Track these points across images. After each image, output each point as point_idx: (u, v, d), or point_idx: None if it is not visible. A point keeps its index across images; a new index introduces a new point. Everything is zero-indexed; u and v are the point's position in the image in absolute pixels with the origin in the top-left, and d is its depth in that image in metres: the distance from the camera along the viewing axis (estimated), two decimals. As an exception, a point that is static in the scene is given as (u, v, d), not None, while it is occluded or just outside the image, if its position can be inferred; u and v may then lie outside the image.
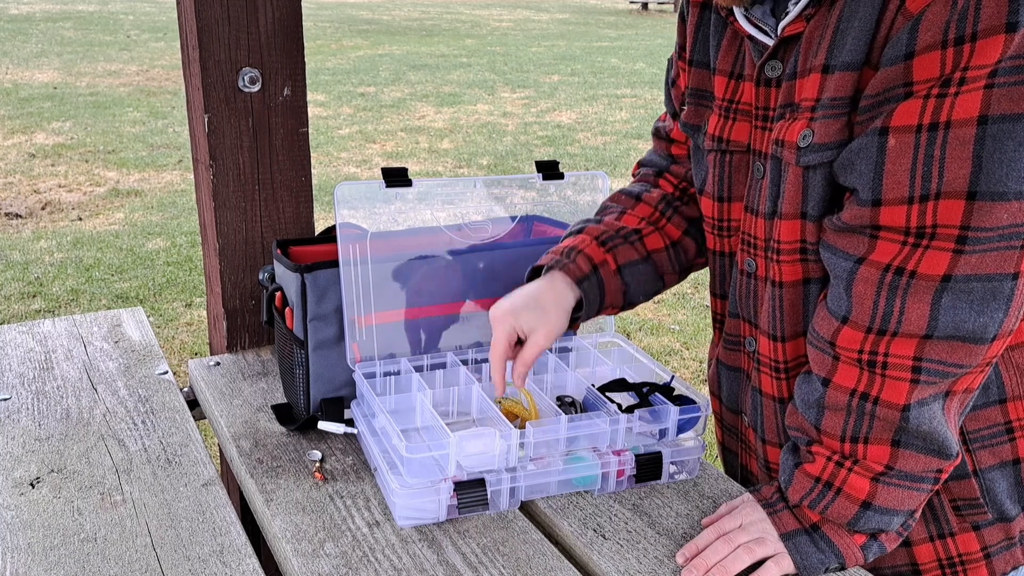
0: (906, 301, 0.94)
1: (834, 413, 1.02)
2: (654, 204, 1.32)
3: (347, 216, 1.27)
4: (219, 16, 1.50)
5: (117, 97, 9.97)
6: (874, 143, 0.94)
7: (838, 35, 0.97)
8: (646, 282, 1.27)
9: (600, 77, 12.27)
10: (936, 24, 0.88)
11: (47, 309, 4.37)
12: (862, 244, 0.97)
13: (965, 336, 0.93)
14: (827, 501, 1.03)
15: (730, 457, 1.34)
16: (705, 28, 1.19)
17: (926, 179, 0.91)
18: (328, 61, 13.05)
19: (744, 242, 1.16)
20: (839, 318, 1.00)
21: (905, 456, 0.99)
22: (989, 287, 0.91)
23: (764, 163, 1.10)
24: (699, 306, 4.65)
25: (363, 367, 1.31)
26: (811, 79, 1.00)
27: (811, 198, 1.03)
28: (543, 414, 1.26)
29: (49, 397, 1.48)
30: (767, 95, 1.08)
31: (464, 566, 1.07)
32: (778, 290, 1.10)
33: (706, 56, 1.19)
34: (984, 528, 1.12)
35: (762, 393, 1.18)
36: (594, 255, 1.24)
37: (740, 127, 1.13)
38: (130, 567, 1.07)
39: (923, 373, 0.96)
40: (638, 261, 1.27)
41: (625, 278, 1.25)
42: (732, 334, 1.23)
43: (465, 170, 7.32)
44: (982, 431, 1.09)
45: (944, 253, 0.92)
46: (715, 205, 1.20)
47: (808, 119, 1.01)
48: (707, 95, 1.20)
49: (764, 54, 1.07)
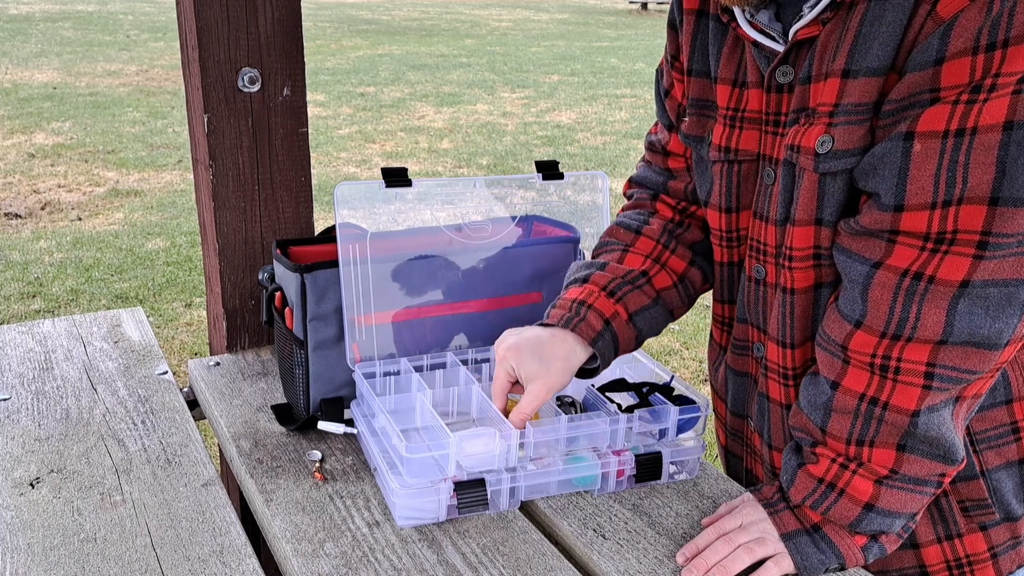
0: (923, 307, 0.93)
1: (841, 416, 1.01)
2: (655, 238, 1.28)
3: (347, 216, 1.27)
4: (219, 16, 1.50)
5: (117, 97, 9.97)
6: (898, 148, 0.93)
7: (860, 40, 0.95)
8: (657, 323, 1.25)
9: (600, 77, 12.27)
10: (968, 30, 0.88)
11: (47, 309, 4.37)
12: (879, 248, 0.96)
13: (979, 342, 0.93)
14: (829, 502, 1.03)
15: (734, 461, 1.34)
16: (703, 36, 1.16)
17: (950, 185, 0.90)
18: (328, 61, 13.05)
19: (753, 248, 1.14)
20: (852, 322, 0.99)
21: (910, 461, 0.99)
22: (1006, 293, 0.91)
23: (775, 169, 1.08)
24: (699, 306, 4.64)
25: (363, 367, 1.31)
26: (829, 84, 0.98)
27: (828, 204, 1.02)
28: (543, 414, 1.26)
29: (49, 397, 1.48)
30: (778, 101, 1.06)
31: (464, 566, 1.07)
32: (789, 296, 1.09)
33: (706, 65, 1.16)
34: (991, 528, 1.12)
35: (769, 399, 1.17)
36: (605, 309, 1.20)
37: (748, 135, 1.11)
38: (130, 567, 1.07)
39: (935, 379, 0.95)
40: (649, 306, 1.23)
41: (638, 325, 1.22)
42: (740, 339, 1.21)
43: (465, 170, 7.32)
44: (988, 432, 1.09)
45: (964, 259, 0.91)
46: (723, 216, 1.17)
47: (826, 124, 0.99)
48: (710, 105, 1.17)
49: (773, 60, 1.05)
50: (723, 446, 1.36)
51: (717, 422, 1.36)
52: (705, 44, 1.16)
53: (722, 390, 1.30)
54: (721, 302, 1.26)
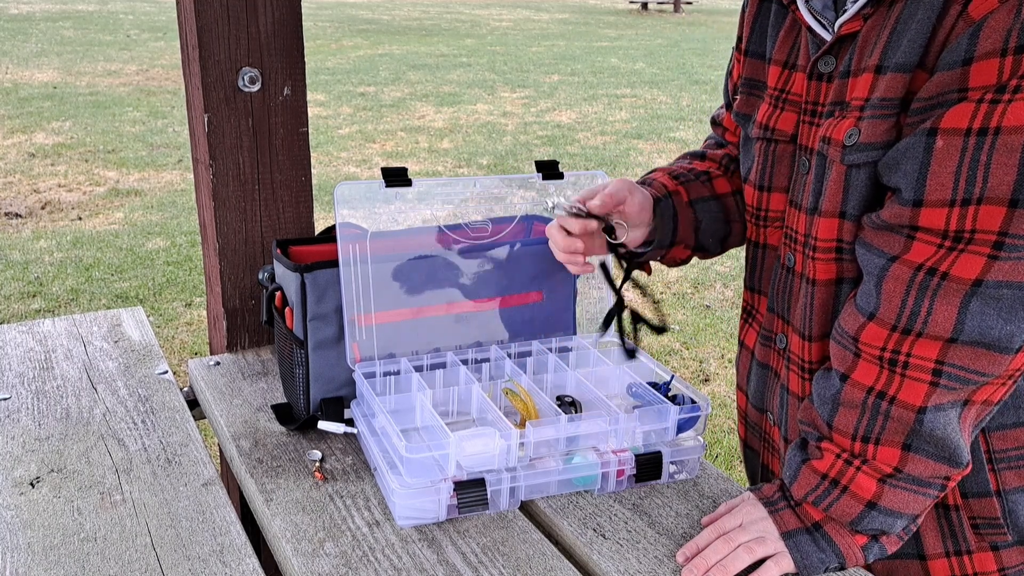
0: (935, 302, 0.94)
1: (848, 410, 1.02)
2: (718, 160, 1.36)
3: (347, 216, 1.27)
4: (219, 16, 1.50)
5: (117, 97, 9.97)
6: (921, 143, 0.94)
7: (894, 36, 0.97)
8: (716, 221, 1.30)
9: (600, 77, 12.27)
10: (998, 31, 0.88)
11: (47, 309, 4.37)
12: (898, 243, 0.97)
13: (990, 344, 0.93)
14: (832, 499, 1.03)
15: (751, 456, 1.34)
16: (763, 19, 1.21)
17: (970, 183, 0.90)
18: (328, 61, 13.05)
19: (787, 236, 1.17)
20: (866, 314, 1.00)
21: (915, 460, 0.99)
22: (1019, 296, 0.91)
23: (809, 159, 1.10)
24: (699, 306, 4.65)
25: (363, 367, 1.31)
26: (863, 79, 1.01)
27: (852, 197, 1.03)
28: (543, 414, 1.26)
29: (49, 397, 1.48)
30: (817, 89, 1.09)
31: (464, 566, 1.07)
32: (811, 287, 1.10)
33: (762, 47, 1.21)
34: (1003, 549, 1.10)
35: (789, 391, 1.18)
36: (667, 184, 1.28)
37: (787, 117, 1.14)
38: (130, 567, 1.07)
39: (943, 377, 0.95)
40: (709, 198, 1.30)
41: (697, 212, 1.28)
42: (767, 329, 1.23)
43: (465, 170, 7.32)
44: (1009, 451, 1.08)
45: (979, 258, 0.91)
46: (756, 194, 1.21)
47: (856, 118, 1.01)
48: (759, 85, 1.21)
49: (820, 48, 1.08)
50: (742, 439, 1.36)
51: (739, 414, 1.36)
52: (764, 27, 1.21)
53: (744, 382, 1.31)
54: (749, 289, 1.29)
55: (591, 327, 1.47)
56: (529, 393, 1.28)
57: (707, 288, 4.88)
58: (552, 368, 1.39)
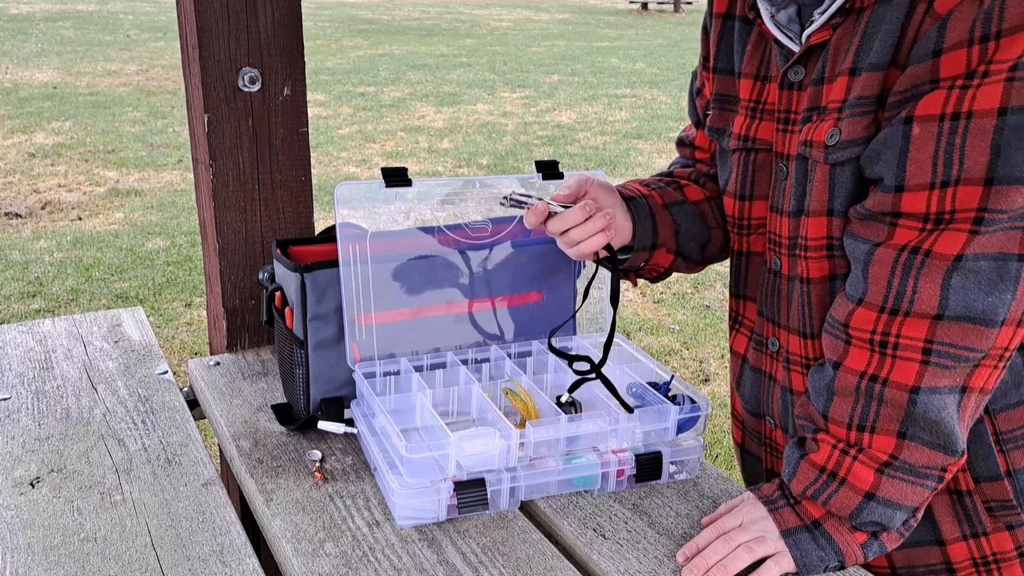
0: (919, 280, 0.97)
1: (843, 398, 1.03)
2: (687, 175, 1.38)
3: (347, 216, 1.27)
4: (219, 16, 1.50)
5: (117, 97, 9.97)
6: (899, 132, 0.97)
7: (865, 40, 1.01)
8: (694, 223, 1.30)
9: (600, 77, 12.27)
10: (963, 23, 0.93)
11: (47, 309, 4.37)
12: (882, 231, 1.00)
13: (975, 318, 0.95)
14: (831, 491, 1.03)
15: (751, 461, 1.34)
16: (728, 37, 1.23)
17: (947, 166, 0.94)
18: (328, 61, 13.05)
19: (770, 241, 1.19)
20: (855, 300, 1.02)
21: (910, 448, 1.00)
22: (996, 267, 0.94)
23: (787, 164, 1.13)
24: (699, 306, 4.65)
25: (363, 367, 1.31)
26: (839, 83, 1.04)
27: (838, 195, 1.06)
28: (543, 414, 1.26)
29: (49, 397, 1.48)
30: (789, 98, 1.12)
31: (464, 566, 1.07)
32: (806, 286, 1.13)
33: (730, 63, 1.23)
34: (1018, 528, 1.13)
35: (792, 391, 1.19)
36: (640, 189, 1.30)
37: (766, 126, 1.17)
38: (130, 567, 1.07)
39: (933, 355, 0.97)
40: (683, 202, 1.31)
41: (674, 215, 1.29)
42: (759, 333, 1.25)
43: (465, 170, 7.32)
44: (1015, 431, 1.10)
45: (960, 234, 0.95)
46: (737, 204, 1.23)
47: (835, 119, 1.04)
48: (731, 99, 1.24)
49: (789, 59, 1.11)
50: (739, 444, 1.36)
51: (733, 419, 1.36)
52: (730, 44, 1.23)
53: (738, 385, 1.32)
54: (735, 296, 1.31)
55: (591, 327, 1.47)
56: (529, 393, 1.28)
57: (707, 288, 4.88)
58: (552, 368, 1.39)
